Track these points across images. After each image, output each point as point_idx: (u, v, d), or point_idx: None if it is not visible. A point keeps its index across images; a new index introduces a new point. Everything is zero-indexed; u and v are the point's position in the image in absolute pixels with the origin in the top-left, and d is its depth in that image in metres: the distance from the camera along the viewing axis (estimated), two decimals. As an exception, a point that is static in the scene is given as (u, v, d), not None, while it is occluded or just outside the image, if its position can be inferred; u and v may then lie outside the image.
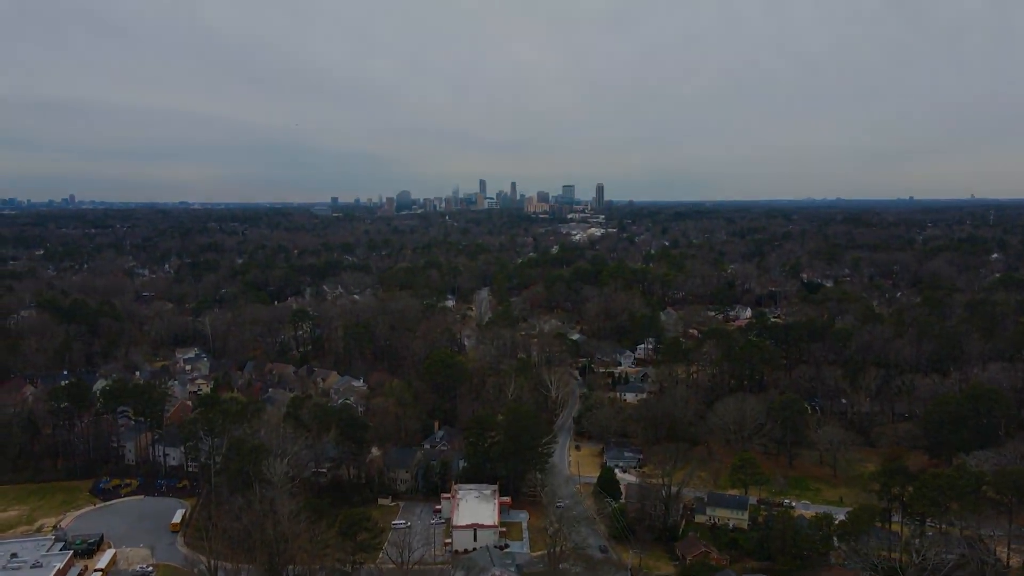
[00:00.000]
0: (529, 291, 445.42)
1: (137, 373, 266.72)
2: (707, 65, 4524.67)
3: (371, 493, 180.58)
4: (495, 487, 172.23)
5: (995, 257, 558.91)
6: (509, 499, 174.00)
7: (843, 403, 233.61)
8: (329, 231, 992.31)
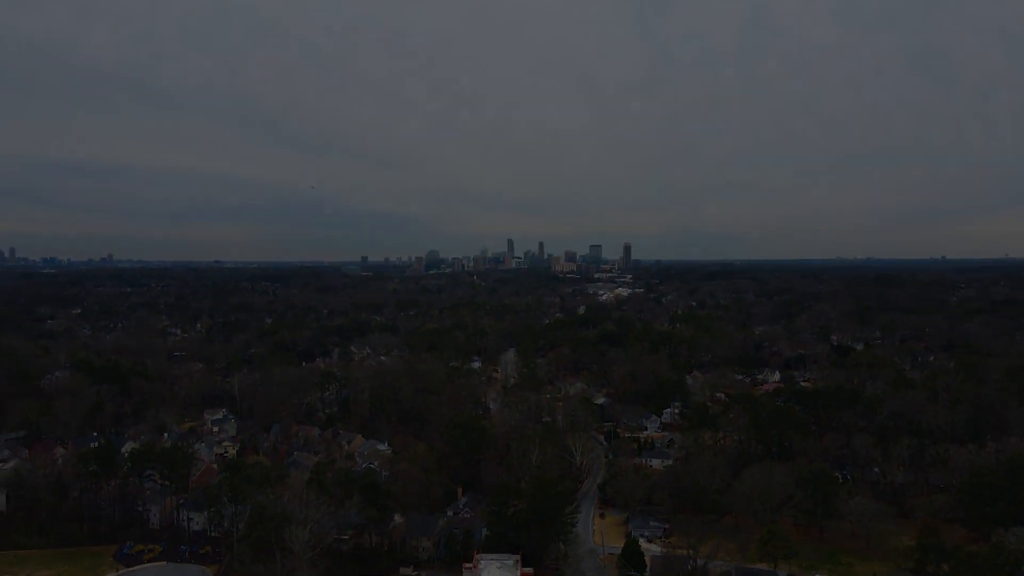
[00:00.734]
0: (555, 353, 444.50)
1: (165, 435, 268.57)
2: (732, 126, 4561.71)
3: (392, 562, 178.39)
4: (517, 557, 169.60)
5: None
6: (532, 570, 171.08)
7: (875, 472, 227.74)
8: (358, 291, 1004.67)
